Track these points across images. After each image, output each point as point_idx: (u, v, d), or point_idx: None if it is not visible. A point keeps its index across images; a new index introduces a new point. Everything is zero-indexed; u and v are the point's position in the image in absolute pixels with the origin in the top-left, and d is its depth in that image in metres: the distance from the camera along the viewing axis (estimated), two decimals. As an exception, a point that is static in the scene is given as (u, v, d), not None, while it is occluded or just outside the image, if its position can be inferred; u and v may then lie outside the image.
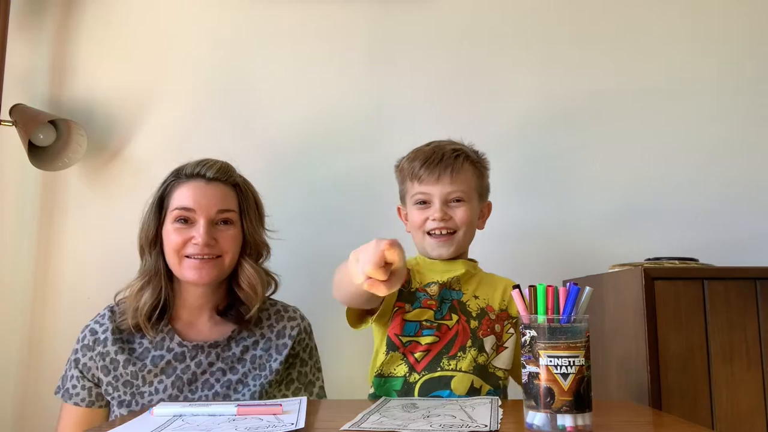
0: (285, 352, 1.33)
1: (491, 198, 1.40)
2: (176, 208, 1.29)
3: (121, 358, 1.28)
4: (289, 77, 1.79)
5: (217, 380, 1.28)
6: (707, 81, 1.82)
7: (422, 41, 1.81)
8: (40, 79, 1.76)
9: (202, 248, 1.26)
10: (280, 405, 1.03)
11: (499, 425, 0.90)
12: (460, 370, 1.23)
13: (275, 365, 1.32)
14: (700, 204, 1.77)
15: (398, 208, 1.42)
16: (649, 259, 1.50)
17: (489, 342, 1.27)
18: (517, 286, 0.96)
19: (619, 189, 1.78)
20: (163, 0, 1.81)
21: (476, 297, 1.32)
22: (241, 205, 1.34)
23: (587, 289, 0.91)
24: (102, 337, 1.30)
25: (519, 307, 0.94)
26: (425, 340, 1.25)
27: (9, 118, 1.65)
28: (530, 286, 0.93)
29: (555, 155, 1.79)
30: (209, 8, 1.81)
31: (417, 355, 1.25)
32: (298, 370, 1.36)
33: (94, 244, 1.70)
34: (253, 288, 1.32)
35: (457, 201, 1.30)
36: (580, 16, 1.83)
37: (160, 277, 1.30)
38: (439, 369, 1.23)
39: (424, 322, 1.27)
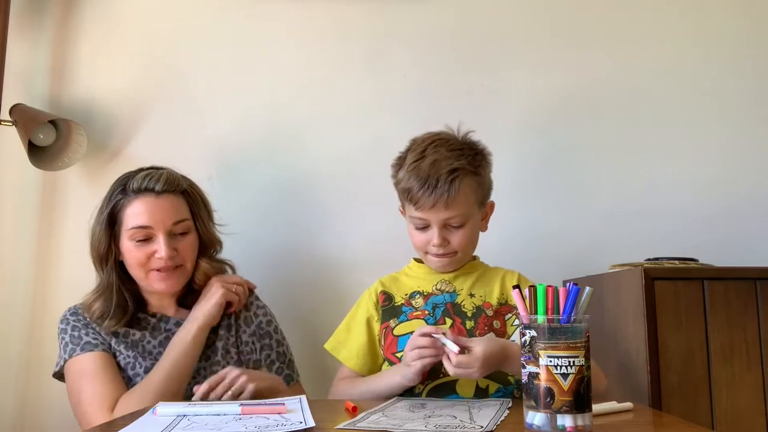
0: (252, 325, 1.41)
1: (492, 197, 1.39)
2: (133, 228, 1.32)
3: (121, 330, 1.33)
4: (289, 77, 1.79)
5: (202, 352, 1.34)
6: (708, 81, 1.81)
7: (420, 40, 1.80)
8: (40, 79, 1.76)
9: (166, 261, 1.32)
10: (284, 404, 1.03)
11: (495, 426, 0.90)
12: None
13: (245, 337, 1.39)
14: (700, 204, 1.76)
15: (401, 210, 1.41)
16: (649, 259, 1.50)
17: (487, 341, 1.27)
18: (517, 287, 0.96)
19: (619, 189, 1.77)
20: (163, 0, 1.81)
21: (472, 295, 1.32)
22: (192, 210, 1.39)
23: (587, 289, 0.91)
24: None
25: (519, 307, 0.94)
26: None
27: (9, 118, 1.64)
28: (530, 286, 0.93)
29: (555, 155, 1.79)
30: (209, 8, 1.80)
31: None
32: (276, 351, 1.42)
33: (94, 243, 1.69)
34: (208, 281, 1.39)
35: (456, 227, 1.29)
36: (579, 16, 1.83)
37: (112, 291, 1.34)
38: (441, 375, 1.23)
39: None
